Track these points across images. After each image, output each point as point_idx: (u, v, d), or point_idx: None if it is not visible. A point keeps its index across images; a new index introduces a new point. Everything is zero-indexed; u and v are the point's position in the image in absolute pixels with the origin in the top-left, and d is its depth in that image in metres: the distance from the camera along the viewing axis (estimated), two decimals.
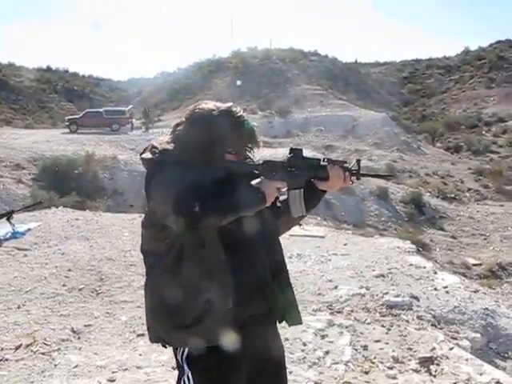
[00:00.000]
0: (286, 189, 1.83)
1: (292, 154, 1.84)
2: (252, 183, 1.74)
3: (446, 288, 5.29)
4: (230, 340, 1.70)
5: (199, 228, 1.62)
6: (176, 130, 1.81)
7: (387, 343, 4.03)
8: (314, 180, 1.87)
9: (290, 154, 1.85)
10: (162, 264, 1.75)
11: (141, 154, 1.81)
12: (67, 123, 28.77)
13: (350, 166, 1.89)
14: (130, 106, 33.79)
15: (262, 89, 39.94)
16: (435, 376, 3.56)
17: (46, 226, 7.26)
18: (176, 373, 1.85)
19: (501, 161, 30.87)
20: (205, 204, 1.57)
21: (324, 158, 1.89)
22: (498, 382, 3.46)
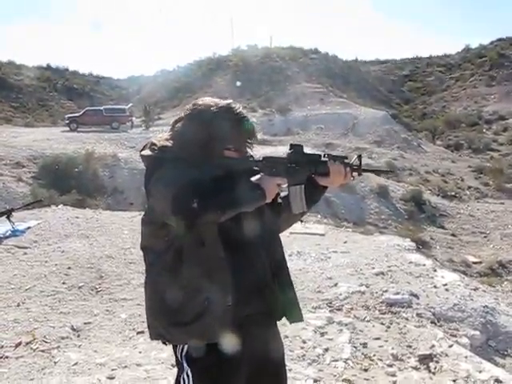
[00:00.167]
0: (286, 185, 1.82)
1: (292, 150, 1.82)
2: (252, 179, 1.73)
3: (445, 286, 5.29)
4: (229, 338, 1.70)
5: (198, 224, 1.61)
6: (175, 126, 1.80)
7: (387, 341, 4.03)
8: (314, 176, 1.85)
9: (290, 149, 1.83)
10: (162, 262, 1.75)
11: (140, 151, 1.80)
12: (67, 121, 28.71)
13: (351, 162, 1.87)
14: (130, 104, 33.81)
15: (262, 87, 39.95)
16: (434, 373, 3.57)
17: (46, 224, 7.25)
18: (175, 370, 1.85)
19: (501, 159, 30.83)
20: (203, 200, 1.57)
21: (325, 154, 1.86)
22: (497, 379, 3.46)
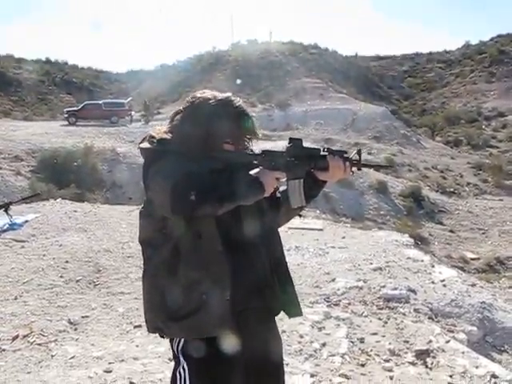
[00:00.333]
0: (285, 179, 1.80)
1: (292, 144, 1.80)
2: (251, 173, 1.71)
3: (443, 281, 5.29)
4: (227, 332, 1.70)
5: (196, 217, 1.61)
6: (174, 119, 1.79)
7: (384, 336, 4.04)
8: (313, 170, 1.83)
9: (289, 143, 1.81)
10: (160, 255, 1.74)
11: (139, 144, 1.79)
12: (66, 115, 28.64)
13: (351, 157, 1.86)
14: (129, 99, 33.69)
15: (261, 82, 39.86)
16: (431, 369, 3.57)
17: (44, 218, 7.24)
18: (172, 364, 1.85)
19: (500, 155, 30.87)
20: (202, 193, 1.56)
21: (324, 148, 1.84)
22: (493, 374, 3.47)
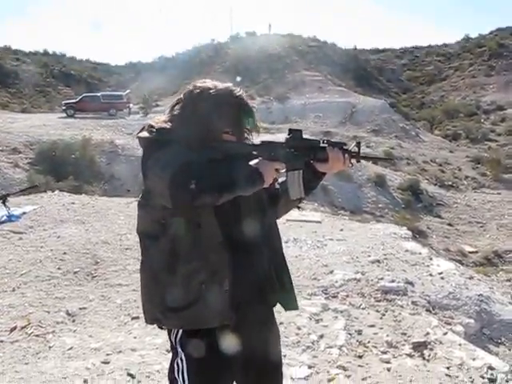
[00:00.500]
0: (284, 170, 1.79)
1: (291, 135, 1.79)
2: (250, 163, 1.70)
3: (441, 274, 5.30)
4: (226, 324, 1.69)
5: (196, 206, 1.60)
6: (174, 109, 1.77)
7: (381, 328, 4.04)
8: (313, 162, 1.82)
9: (289, 134, 1.79)
10: (158, 246, 1.72)
11: (137, 134, 1.78)
12: (64, 107, 28.56)
13: (350, 149, 1.85)
14: (128, 91, 33.56)
15: (260, 74, 39.75)
16: (428, 361, 3.58)
17: (42, 210, 7.24)
18: (170, 356, 1.85)
19: (499, 149, 30.86)
20: (201, 182, 1.55)
21: (323, 140, 1.83)
22: (490, 366, 3.48)
